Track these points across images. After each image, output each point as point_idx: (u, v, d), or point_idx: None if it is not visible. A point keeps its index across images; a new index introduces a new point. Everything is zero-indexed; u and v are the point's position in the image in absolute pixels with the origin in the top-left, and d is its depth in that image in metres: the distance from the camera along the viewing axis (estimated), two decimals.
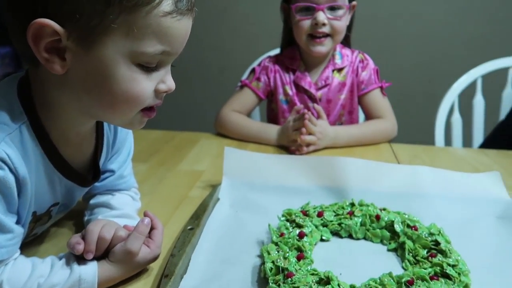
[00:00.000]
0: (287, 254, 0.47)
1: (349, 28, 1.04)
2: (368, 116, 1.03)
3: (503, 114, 1.19)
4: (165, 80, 0.44)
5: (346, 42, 1.06)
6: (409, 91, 1.99)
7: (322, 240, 0.55)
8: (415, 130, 1.57)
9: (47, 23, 0.37)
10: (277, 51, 1.11)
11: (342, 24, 0.94)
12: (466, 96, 1.22)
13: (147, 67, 0.42)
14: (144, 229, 0.46)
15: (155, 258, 0.47)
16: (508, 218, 0.58)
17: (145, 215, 0.48)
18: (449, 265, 0.46)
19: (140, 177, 0.73)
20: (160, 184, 0.74)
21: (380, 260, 0.52)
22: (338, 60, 1.02)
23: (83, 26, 0.38)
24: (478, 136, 1.22)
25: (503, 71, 1.21)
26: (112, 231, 0.44)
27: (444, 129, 1.20)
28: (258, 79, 1.03)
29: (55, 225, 0.57)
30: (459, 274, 0.45)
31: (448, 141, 1.21)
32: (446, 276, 0.45)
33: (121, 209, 0.56)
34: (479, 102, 1.21)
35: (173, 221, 0.60)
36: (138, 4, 0.38)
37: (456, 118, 1.21)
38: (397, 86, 1.87)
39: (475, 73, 1.20)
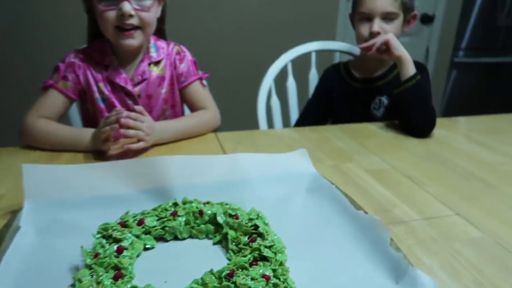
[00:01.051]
0: (101, 277, 0.42)
1: (162, 20, 1.00)
2: (192, 108, 1.03)
3: (311, 93, 1.35)
4: None
5: (160, 34, 1.02)
6: (231, 79, 2.09)
7: (146, 249, 0.52)
8: (241, 117, 1.65)
9: None
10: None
11: (150, 15, 0.89)
12: (281, 80, 1.34)
13: None
14: None
15: None
16: (315, 190, 0.64)
17: None
18: (266, 247, 0.48)
19: None
20: None
21: (206, 256, 0.51)
22: (153, 53, 0.98)
23: None
24: (294, 115, 1.35)
25: (308, 55, 1.36)
26: None
27: (266, 113, 1.29)
28: (65, 78, 0.91)
29: None
30: (275, 253, 0.48)
31: (270, 123, 1.31)
32: (265, 258, 0.47)
33: None
34: (291, 84, 1.34)
35: None
36: None
37: (275, 101, 1.31)
38: (219, 75, 1.95)
39: (285, 58, 1.32)
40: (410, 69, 1.00)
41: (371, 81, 1.17)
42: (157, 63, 0.98)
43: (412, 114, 0.99)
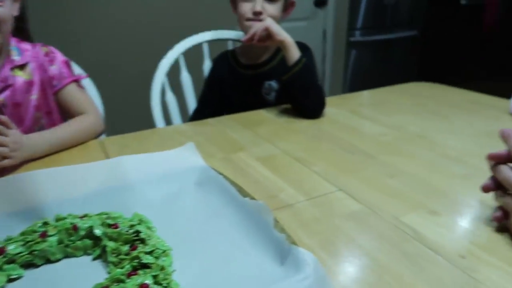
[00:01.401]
0: None
1: (23, 19, 0.90)
2: (69, 114, 0.94)
3: None
4: None
5: (23, 36, 0.91)
6: (120, 79, 1.96)
7: (13, 280, 0.46)
8: (135, 118, 1.57)
9: None
10: None
11: (4, 11, 0.79)
12: (174, 74, 1.29)
13: None
14: None
15: None
16: (203, 183, 0.62)
17: None
18: (146, 253, 0.45)
19: None
20: None
21: (84, 275, 0.47)
22: (16, 57, 0.87)
23: None
24: (193, 109, 1.32)
25: (199, 46, 1.33)
26: None
27: (162, 110, 1.24)
28: None
29: None
30: (156, 258, 0.45)
31: (168, 121, 1.26)
32: (147, 266, 0.44)
33: None
34: (185, 78, 1.31)
35: None
36: None
37: (170, 97, 1.27)
38: (105, 75, 1.83)
39: (175, 52, 1.28)
40: (294, 53, 1.02)
41: (258, 66, 1.18)
42: (22, 67, 0.87)
43: (302, 97, 1.02)
